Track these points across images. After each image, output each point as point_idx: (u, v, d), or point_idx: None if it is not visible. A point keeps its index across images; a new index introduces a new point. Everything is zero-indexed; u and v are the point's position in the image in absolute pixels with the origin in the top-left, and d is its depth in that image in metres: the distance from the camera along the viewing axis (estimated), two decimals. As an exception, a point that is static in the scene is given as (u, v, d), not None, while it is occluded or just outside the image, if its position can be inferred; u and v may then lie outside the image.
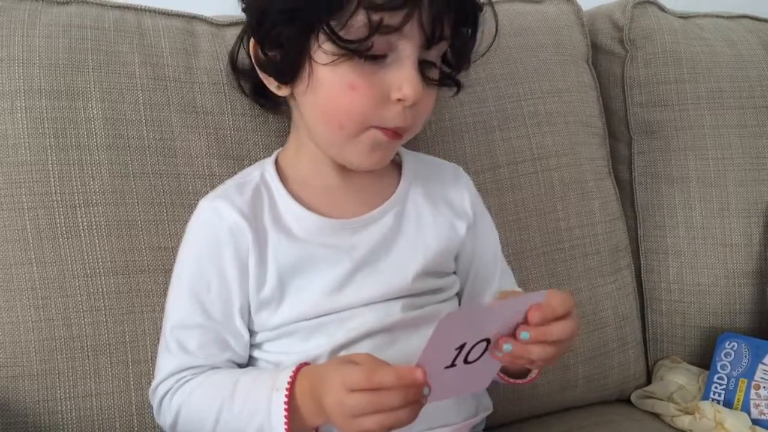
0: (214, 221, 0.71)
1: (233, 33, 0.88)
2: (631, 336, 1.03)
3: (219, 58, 0.87)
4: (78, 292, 0.77)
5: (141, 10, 0.87)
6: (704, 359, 1.03)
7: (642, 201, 1.09)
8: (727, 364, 0.98)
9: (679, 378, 1.01)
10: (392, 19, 0.62)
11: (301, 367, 0.64)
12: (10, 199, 0.76)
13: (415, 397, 0.56)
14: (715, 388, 0.97)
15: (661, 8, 1.14)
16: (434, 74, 0.69)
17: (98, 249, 0.78)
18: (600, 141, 1.07)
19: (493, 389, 0.86)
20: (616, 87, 1.11)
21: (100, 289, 0.77)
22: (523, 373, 0.73)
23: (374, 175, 0.75)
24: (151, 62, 0.83)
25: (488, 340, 0.57)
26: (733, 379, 0.97)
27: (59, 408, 0.75)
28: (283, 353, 0.70)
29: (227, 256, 0.69)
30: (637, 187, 1.10)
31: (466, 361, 0.57)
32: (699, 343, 1.06)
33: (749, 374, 0.96)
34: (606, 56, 1.12)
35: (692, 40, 1.11)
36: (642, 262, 1.09)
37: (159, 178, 0.81)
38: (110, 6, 0.86)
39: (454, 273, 0.79)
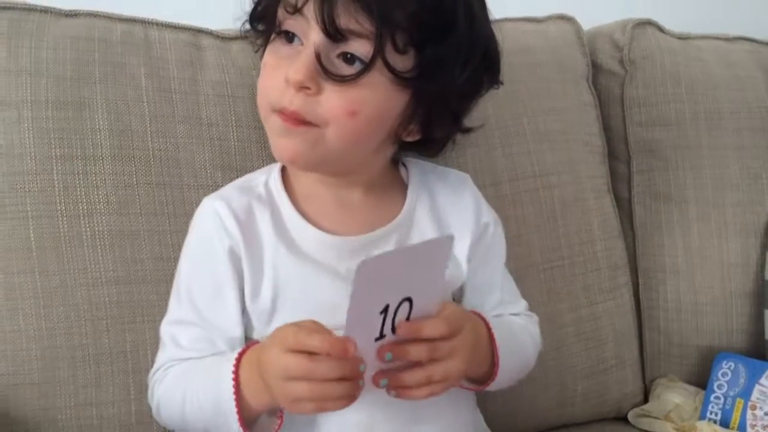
0: (210, 223, 0.69)
1: (239, 46, 0.89)
2: (628, 354, 1.03)
3: (224, 71, 0.87)
4: (80, 301, 0.77)
5: (148, 23, 0.88)
6: (701, 378, 1.03)
7: (640, 219, 1.10)
8: (724, 383, 0.98)
9: (676, 397, 1.01)
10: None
11: (246, 350, 0.63)
12: (15, 208, 0.76)
13: (350, 372, 0.55)
14: (712, 407, 0.97)
15: (661, 29, 1.15)
16: (344, 69, 0.63)
17: (101, 259, 0.78)
18: (600, 159, 1.08)
19: (491, 406, 0.87)
20: (616, 106, 1.12)
21: (102, 299, 0.78)
22: (484, 379, 0.70)
23: (375, 193, 0.73)
24: (158, 74, 0.84)
25: (410, 301, 0.57)
26: (729, 399, 0.97)
27: (60, 416, 0.75)
28: None
29: (221, 257, 0.68)
30: (636, 206, 1.10)
31: (393, 330, 0.57)
32: (696, 362, 1.06)
33: (746, 394, 0.97)
34: (606, 75, 1.13)
35: (691, 61, 1.12)
36: (640, 280, 1.09)
37: (162, 188, 0.82)
38: (118, 19, 0.87)
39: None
